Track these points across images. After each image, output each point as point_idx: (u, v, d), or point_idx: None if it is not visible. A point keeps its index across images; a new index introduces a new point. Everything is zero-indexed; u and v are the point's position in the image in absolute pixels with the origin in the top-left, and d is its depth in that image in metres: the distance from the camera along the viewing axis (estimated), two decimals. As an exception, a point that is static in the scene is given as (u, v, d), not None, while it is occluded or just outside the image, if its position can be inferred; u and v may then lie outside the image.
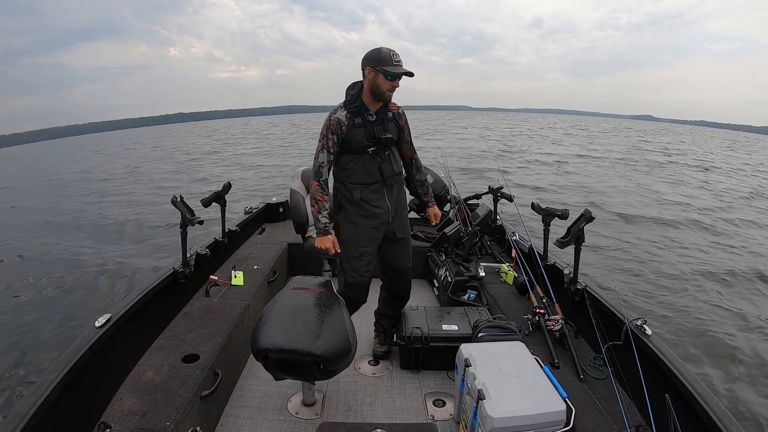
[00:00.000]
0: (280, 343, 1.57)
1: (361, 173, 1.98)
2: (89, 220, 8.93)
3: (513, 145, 23.96)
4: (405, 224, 2.16)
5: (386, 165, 2.00)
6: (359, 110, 1.93)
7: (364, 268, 2.07)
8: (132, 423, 1.45)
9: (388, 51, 1.85)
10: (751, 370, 3.61)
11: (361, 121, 1.93)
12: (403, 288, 2.29)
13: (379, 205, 2.02)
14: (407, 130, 2.11)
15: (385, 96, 1.90)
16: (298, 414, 1.91)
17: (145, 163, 19.81)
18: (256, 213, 3.69)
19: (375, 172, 1.98)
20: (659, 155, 21.74)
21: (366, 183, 1.99)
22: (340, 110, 1.94)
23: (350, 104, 1.93)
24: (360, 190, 1.99)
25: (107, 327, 1.66)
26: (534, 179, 12.78)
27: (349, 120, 1.92)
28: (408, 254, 2.22)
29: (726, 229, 8.05)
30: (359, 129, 1.93)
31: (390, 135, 1.98)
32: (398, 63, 1.85)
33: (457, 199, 3.51)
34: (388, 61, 1.83)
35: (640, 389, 1.55)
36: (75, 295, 5.04)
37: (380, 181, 2.00)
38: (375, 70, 1.85)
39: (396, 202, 2.08)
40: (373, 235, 2.07)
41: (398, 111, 2.05)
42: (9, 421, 1.20)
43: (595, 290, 2.12)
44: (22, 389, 3.21)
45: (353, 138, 1.93)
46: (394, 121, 2.03)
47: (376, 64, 1.84)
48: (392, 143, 2.02)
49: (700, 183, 13.54)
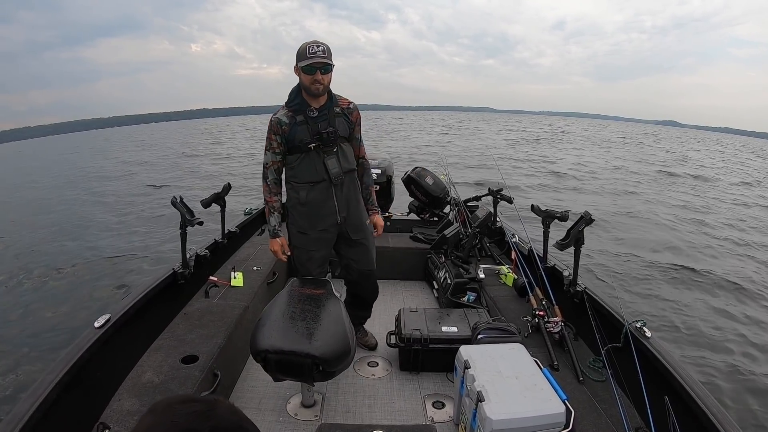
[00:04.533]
0: (279, 344, 1.57)
1: (306, 172, 1.92)
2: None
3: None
4: (360, 224, 2.07)
5: (332, 162, 1.91)
6: (300, 107, 1.88)
7: (316, 271, 2.06)
8: (131, 424, 1.45)
9: (306, 44, 1.79)
10: (750, 372, 3.61)
11: (303, 118, 1.88)
12: (367, 290, 2.22)
13: (327, 205, 1.96)
14: (358, 128, 2.02)
15: (311, 89, 1.82)
16: (297, 415, 1.90)
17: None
18: (255, 214, 3.69)
19: (320, 170, 1.91)
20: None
21: (311, 182, 1.93)
22: (281, 110, 1.91)
23: (290, 102, 1.90)
24: (306, 190, 1.94)
25: (106, 327, 1.66)
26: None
27: (291, 118, 1.88)
28: (369, 256, 2.14)
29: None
30: (301, 126, 1.88)
31: (332, 129, 1.89)
32: (313, 54, 1.76)
33: (456, 201, 3.51)
34: (303, 56, 1.77)
35: (639, 391, 1.55)
36: (75, 295, 5.04)
37: (326, 180, 1.92)
38: (297, 68, 1.81)
39: (346, 202, 2.00)
40: (321, 238, 2.02)
41: (348, 105, 1.96)
42: (8, 421, 1.20)
43: (594, 292, 2.12)
44: (20, 390, 3.20)
45: (296, 136, 1.88)
46: (344, 116, 1.95)
47: (297, 61, 1.80)
48: (339, 138, 1.93)
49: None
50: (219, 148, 24.44)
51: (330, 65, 1.80)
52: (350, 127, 1.98)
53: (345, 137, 1.97)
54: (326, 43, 1.79)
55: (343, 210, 2.00)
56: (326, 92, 1.89)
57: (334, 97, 1.93)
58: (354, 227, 2.05)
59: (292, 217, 2.02)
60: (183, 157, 20.67)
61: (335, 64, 1.83)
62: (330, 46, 1.81)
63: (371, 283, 2.21)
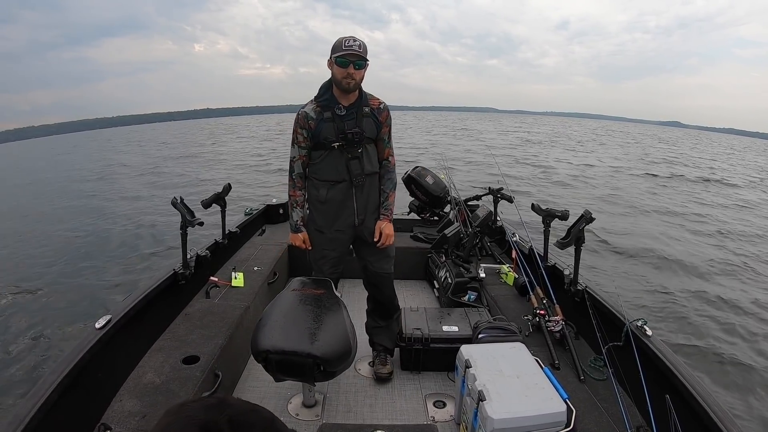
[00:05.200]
0: (280, 344, 1.57)
1: (328, 170, 1.89)
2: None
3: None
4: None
5: (355, 162, 1.87)
6: (329, 103, 1.84)
7: (328, 270, 2.04)
8: (132, 424, 1.45)
9: (343, 38, 1.76)
10: (751, 370, 3.61)
11: (330, 115, 1.84)
12: (383, 295, 2.15)
13: (345, 205, 1.93)
14: (387, 128, 1.97)
15: (342, 84, 1.79)
16: (299, 415, 1.91)
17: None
18: (256, 214, 3.69)
19: (342, 170, 1.88)
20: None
21: (332, 181, 1.90)
22: (310, 104, 1.88)
23: (320, 97, 1.87)
24: (326, 189, 1.91)
25: (107, 328, 1.66)
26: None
27: (318, 113, 1.85)
28: (387, 259, 2.08)
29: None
30: (328, 123, 1.84)
31: (358, 129, 1.86)
32: (348, 47, 1.74)
33: (457, 201, 3.51)
34: (339, 48, 1.75)
35: (640, 390, 1.55)
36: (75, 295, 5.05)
37: (347, 180, 1.89)
38: (330, 60, 1.79)
39: (365, 204, 1.96)
40: (337, 238, 1.98)
41: (379, 106, 1.92)
42: (9, 422, 1.20)
43: (595, 291, 2.12)
44: (21, 391, 3.21)
45: (321, 132, 1.85)
46: (372, 116, 1.90)
47: (331, 54, 1.78)
48: (364, 139, 1.89)
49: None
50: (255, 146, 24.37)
51: (365, 60, 1.77)
52: (378, 127, 1.93)
53: (371, 138, 1.93)
54: (363, 41, 1.78)
55: (361, 212, 1.96)
56: (357, 89, 1.85)
57: (365, 96, 1.89)
58: (371, 231, 2.00)
59: (310, 214, 2.00)
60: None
61: (369, 63, 1.81)
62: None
63: (387, 286, 2.14)
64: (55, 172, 18.21)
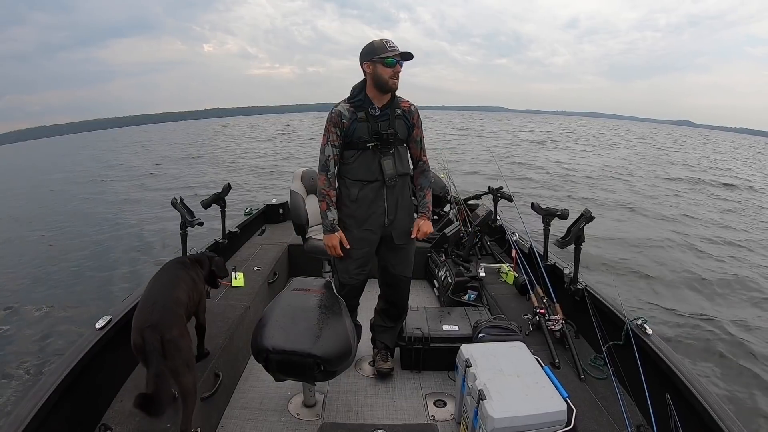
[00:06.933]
0: (280, 344, 1.57)
1: (361, 170, 1.90)
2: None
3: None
4: (406, 230, 2.02)
5: (388, 163, 1.89)
6: (363, 104, 1.87)
7: (355, 271, 2.01)
8: (132, 425, 1.46)
9: (381, 40, 1.82)
10: (752, 369, 3.61)
11: (364, 115, 1.86)
12: (399, 297, 2.16)
13: (377, 205, 1.94)
14: (419, 130, 2.01)
15: (389, 84, 1.82)
16: (299, 415, 1.91)
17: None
18: (256, 214, 3.69)
19: (375, 170, 1.89)
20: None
21: (365, 180, 1.91)
22: (343, 103, 1.90)
23: (353, 98, 1.89)
24: (358, 188, 1.91)
25: (107, 329, 1.66)
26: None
27: (352, 113, 1.86)
28: (408, 263, 2.09)
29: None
30: (362, 123, 1.86)
31: (392, 131, 1.89)
32: (393, 48, 1.80)
33: (457, 200, 3.51)
34: (382, 50, 1.79)
35: (640, 389, 1.55)
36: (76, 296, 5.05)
37: (380, 180, 1.90)
38: (372, 62, 1.81)
39: (396, 205, 1.97)
40: (366, 238, 1.97)
41: (410, 108, 1.96)
42: (10, 423, 1.20)
43: (595, 290, 2.12)
44: (22, 391, 3.21)
45: (355, 132, 1.86)
46: (404, 118, 1.94)
47: (372, 57, 1.81)
48: (397, 140, 1.92)
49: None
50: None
51: (410, 55, 1.83)
52: (410, 129, 1.97)
53: (403, 140, 1.96)
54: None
55: (391, 213, 1.96)
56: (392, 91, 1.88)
57: (396, 98, 1.92)
58: (399, 232, 2.00)
59: (339, 213, 1.99)
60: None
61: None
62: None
63: (403, 289, 2.14)
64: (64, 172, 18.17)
